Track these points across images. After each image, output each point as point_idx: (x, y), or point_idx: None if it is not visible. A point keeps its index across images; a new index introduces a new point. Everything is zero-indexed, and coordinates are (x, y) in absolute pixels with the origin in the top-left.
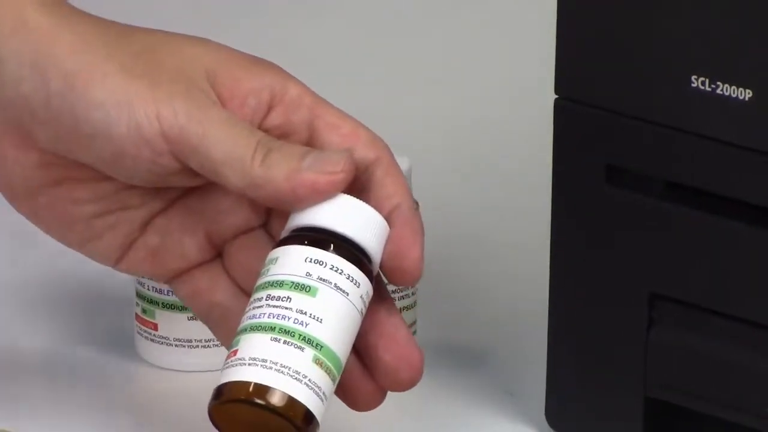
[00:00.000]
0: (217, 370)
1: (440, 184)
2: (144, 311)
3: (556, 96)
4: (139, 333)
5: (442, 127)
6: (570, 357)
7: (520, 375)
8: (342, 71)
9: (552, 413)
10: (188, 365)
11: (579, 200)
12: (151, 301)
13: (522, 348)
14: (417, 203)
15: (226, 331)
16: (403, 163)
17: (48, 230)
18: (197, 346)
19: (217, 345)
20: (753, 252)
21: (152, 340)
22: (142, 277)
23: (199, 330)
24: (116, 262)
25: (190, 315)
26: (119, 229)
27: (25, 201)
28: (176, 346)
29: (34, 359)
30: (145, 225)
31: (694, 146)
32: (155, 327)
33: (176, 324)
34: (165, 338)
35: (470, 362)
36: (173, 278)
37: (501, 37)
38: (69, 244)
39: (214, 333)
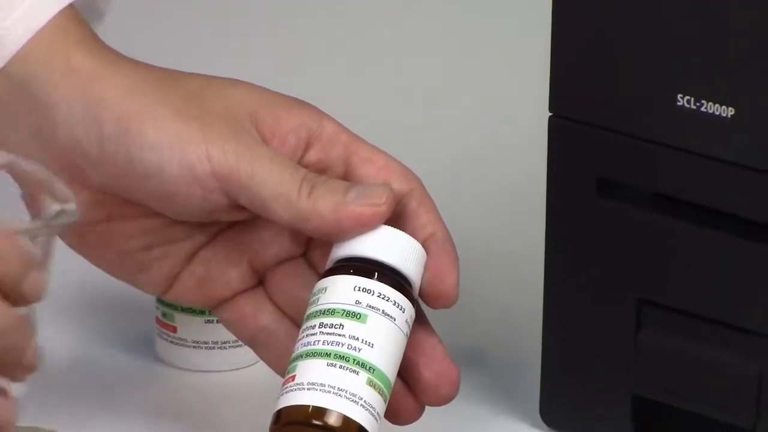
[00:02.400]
0: (231, 369)
1: (442, 196)
2: (164, 315)
3: (550, 114)
4: (159, 335)
5: (443, 141)
6: (563, 358)
7: (517, 375)
8: (339, 88)
9: (546, 411)
10: (205, 366)
11: (571, 211)
12: (171, 306)
13: (518, 350)
14: None
15: (272, 352)
16: None
17: (97, 263)
18: (213, 348)
19: (232, 347)
20: (734, 260)
21: (171, 342)
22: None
23: (215, 333)
24: (163, 293)
25: (207, 318)
26: (166, 262)
27: (75, 236)
28: (194, 347)
29: (60, 361)
30: (191, 257)
31: (680, 161)
32: (174, 330)
33: (194, 327)
34: (183, 340)
35: (470, 364)
36: (218, 305)
37: (499, 58)
38: (117, 276)
39: (260, 355)
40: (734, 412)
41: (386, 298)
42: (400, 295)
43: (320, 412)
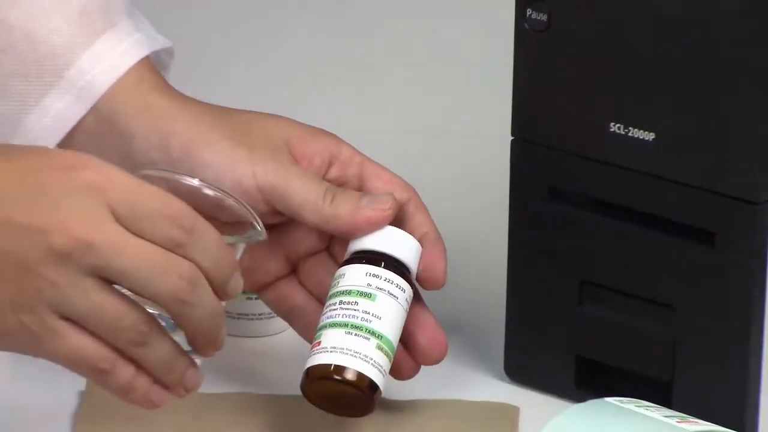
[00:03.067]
0: (266, 335)
1: (431, 202)
2: None
3: (512, 137)
4: None
5: (430, 158)
6: (522, 326)
7: (486, 340)
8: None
9: (509, 367)
10: (246, 333)
11: (529, 213)
12: None
13: (487, 321)
14: None
15: (303, 324)
16: None
17: None
18: (252, 319)
19: (266, 318)
20: (654, 250)
21: None
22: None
23: (253, 307)
24: None
25: (248, 296)
26: None
27: None
28: (237, 318)
29: None
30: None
31: (613, 174)
32: None
33: (237, 303)
34: (230, 313)
35: (450, 331)
36: (261, 289)
37: (470, 94)
38: None
39: (293, 326)
40: (655, 369)
41: (391, 282)
42: (401, 279)
43: (340, 369)
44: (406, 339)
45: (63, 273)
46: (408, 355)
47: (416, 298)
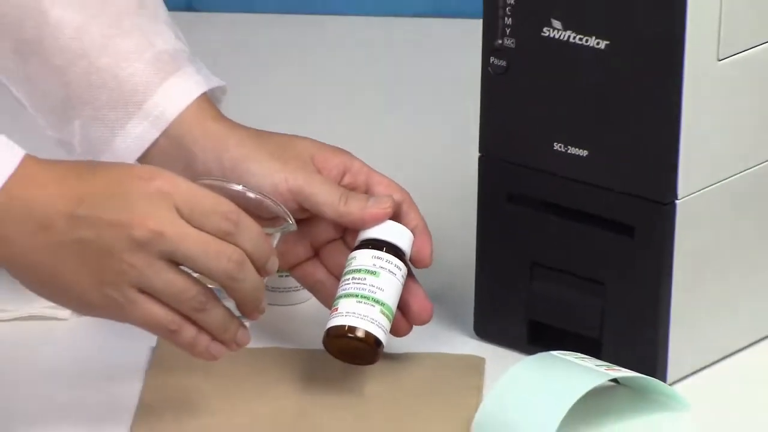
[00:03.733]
0: (294, 304)
1: (418, 202)
2: None
3: (480, 154)
4: None
5: (419, 168)
6: (488, 297)
7: (462, 306)
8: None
9: (478, 328)
10: (279, 301)
11: (492, 212)
12: None
13: (462, 291)
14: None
15: (324, 295)
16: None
17: None
18: (284, 291)
19: (294, 291)
20: (588, 239)
21: None
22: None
23: (284, 282)
24: None
25: (280, 274)
26: None
27: None
28: (271, 290)
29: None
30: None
31: (557, 182)
32: None
33: (272, 278)
34: (266, 286)
35: (433, 301)
36: (291, 268)
37: (449, 121)
38: None
39: (316, 296)
40: (588, 329)
41: (390, 262)
42: (399, 260)
43: (353, 329)
44: (402, 306)
45: (141, 257)
46: (403, 318)
47: (409, 275)
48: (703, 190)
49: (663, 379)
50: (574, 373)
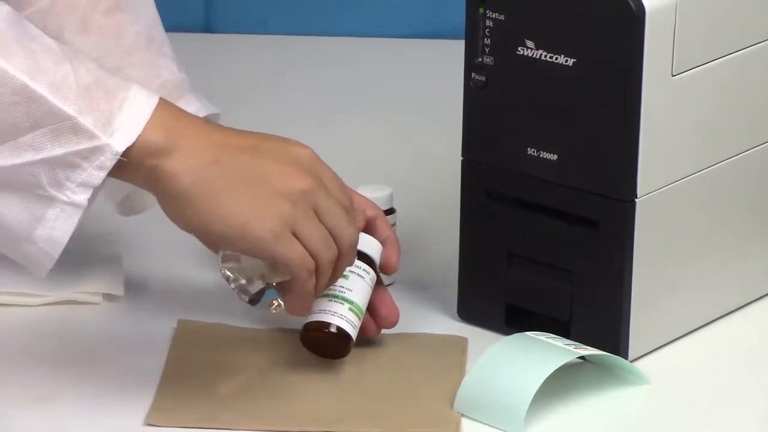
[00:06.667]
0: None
1: (409, 200)
2: None
3: (462, 158)
4: None
5: (412, 170)
6: (470, 283)
7: (447, 292)
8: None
9: (461, 311)
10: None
11: (474, 208)
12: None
13: (446, 280)
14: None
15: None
16: (387, 191)
17: None
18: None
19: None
20: (557, 232)
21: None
22: None
23: None
24: None
25: None
26: None
27: None
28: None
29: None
30: None
31: (530, 182)
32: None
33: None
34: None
35: (419, 287)
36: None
37: (436, 129)
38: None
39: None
40: (559, 312)
41: (359, 267)
42: (368, 266)
43: (325, 324)
44: (371, 310)
45: (299, 204)
46: (372, 321)
47: (379, 282)
48: (660, 189)
49: (625, 356)
50: (546, 352)
